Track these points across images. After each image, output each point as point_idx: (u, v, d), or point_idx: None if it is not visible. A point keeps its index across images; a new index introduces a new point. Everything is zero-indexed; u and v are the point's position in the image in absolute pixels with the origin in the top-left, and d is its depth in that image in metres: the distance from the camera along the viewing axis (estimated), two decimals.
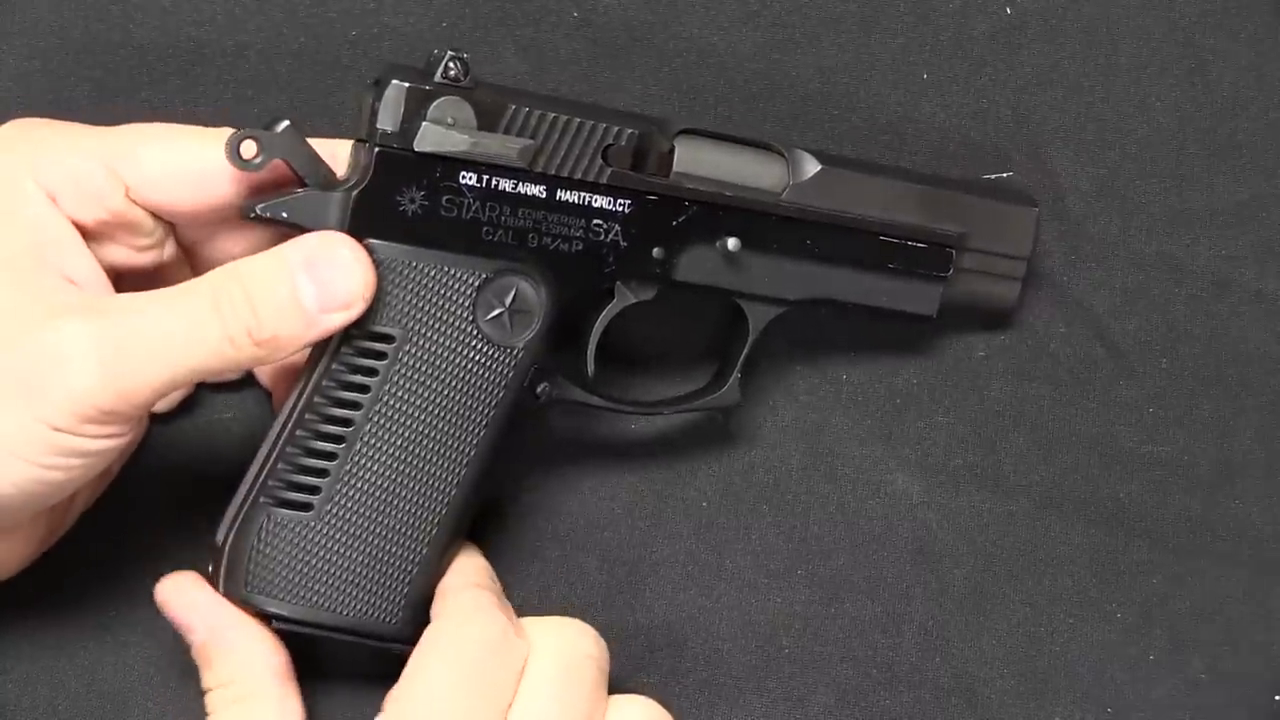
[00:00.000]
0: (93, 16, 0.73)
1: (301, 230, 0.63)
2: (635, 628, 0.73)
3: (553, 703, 0.62)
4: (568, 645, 0.64)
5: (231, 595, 0.64)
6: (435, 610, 0.64)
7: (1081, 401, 0.77)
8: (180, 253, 0.67)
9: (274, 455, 0.64)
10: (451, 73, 0.64)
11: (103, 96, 0.71)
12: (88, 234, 0.63)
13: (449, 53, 0.64)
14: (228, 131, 0.63)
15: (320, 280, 0.61)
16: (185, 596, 0.64)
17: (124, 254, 0.65)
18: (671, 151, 0.68)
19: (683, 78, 0.75)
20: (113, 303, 0.60)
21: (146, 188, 0.63)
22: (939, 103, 0.77)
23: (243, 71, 0.72)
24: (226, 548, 0.64)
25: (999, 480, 0.77)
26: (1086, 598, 0.76)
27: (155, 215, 0.65)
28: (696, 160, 0.68)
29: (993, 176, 0.77)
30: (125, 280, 0.66)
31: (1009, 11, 0.77)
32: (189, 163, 0.63)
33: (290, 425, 0.64)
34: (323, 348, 0.64)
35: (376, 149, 0.63)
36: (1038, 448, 0.77)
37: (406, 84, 0.63)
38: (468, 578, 0.66)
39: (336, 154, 0.65)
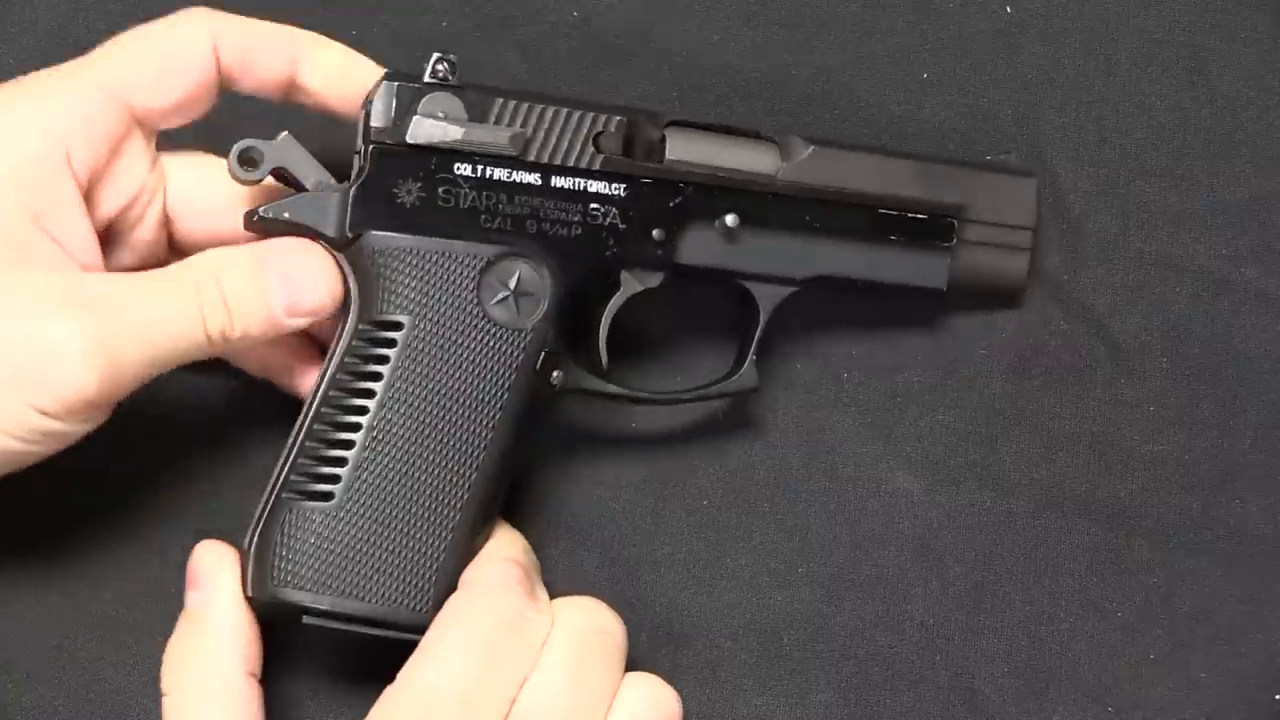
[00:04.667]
0: (93, 16, 0.73)
1: (304, 231, 0.65)
2: (636, 626, 0.73)
3: (565, 680, 0.62)
4: (583, 621, 0.64)
5: (259, 594, 0.64)
6: (462, 581, 0.65)
7: (1082, 400, 0.77)
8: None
9: (294, 450, 0.65)
10: (440, 72, 0.66)
11: None
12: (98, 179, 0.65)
13: (434, 54, 0.66)
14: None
15: (291, 285, 0.64)
16: (213, 562, 0.65)
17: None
18: (663, 140, 0.68)
19: (683, 78, 0.75)
20: (102, 296, 0.61)
21: (181, 217, 0.68)
22: (939, 102, 0.77)
23: None
24: (252, 548, 0.64)
25: (1000, 479, 0.77)
26: (1087, 597, 0.76)
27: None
28: (689, 148, 0.69)
29: (993, 157, 0.77)
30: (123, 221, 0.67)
31: (1009, 11, 0.77)
32: (212, 189, 0.67)
33: (309, 418, 0.65)
34: (336, 339, 0.65)
35: (371, 145, 0.65)
36: (1038, 446, 0.77)
37: (396, 82, 0.65)
38: (501, 550, 0.66)
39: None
